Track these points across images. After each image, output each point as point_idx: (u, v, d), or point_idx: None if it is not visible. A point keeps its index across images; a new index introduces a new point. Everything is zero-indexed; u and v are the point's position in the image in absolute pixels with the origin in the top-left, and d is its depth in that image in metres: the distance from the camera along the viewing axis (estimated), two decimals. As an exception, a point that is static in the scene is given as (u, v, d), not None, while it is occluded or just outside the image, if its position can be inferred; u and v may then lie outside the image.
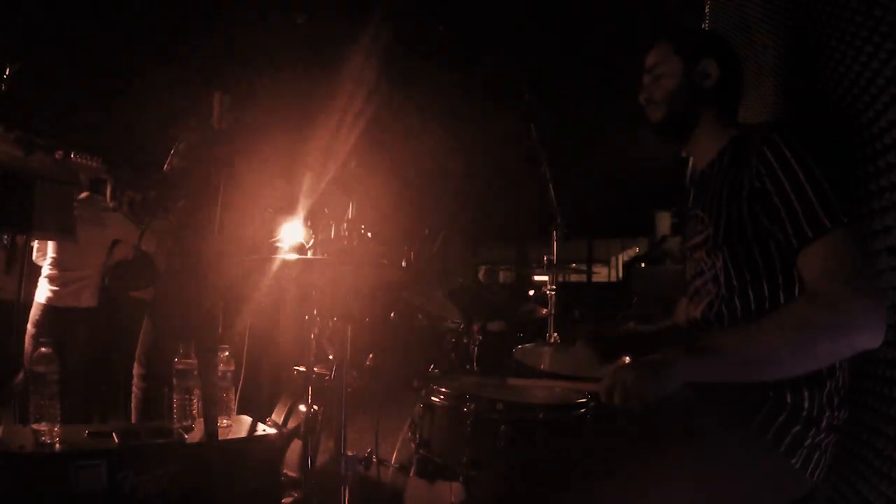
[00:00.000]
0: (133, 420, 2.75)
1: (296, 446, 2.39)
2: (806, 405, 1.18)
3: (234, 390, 2.15)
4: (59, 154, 2.60)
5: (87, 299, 3.05)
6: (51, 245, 3.04)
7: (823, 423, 1.18)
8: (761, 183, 1.19)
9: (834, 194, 1.12)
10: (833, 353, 1.09)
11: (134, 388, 2.76)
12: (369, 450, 2.11)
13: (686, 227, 1.46)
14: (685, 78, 1.38)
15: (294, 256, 2.16)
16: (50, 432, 1.69)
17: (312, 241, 2.50)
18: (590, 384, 1.26)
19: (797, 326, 1.06)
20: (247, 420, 2.12)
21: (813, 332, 1.05)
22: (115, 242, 3.03)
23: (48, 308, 2.97)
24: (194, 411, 2.01)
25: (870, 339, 1.05)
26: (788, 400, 1.18)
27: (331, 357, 2.45)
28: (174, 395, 2.01)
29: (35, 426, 1.69)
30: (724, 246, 1.26)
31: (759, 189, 1.19)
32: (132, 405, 2.77)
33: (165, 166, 2.75)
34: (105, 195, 2.77)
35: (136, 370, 2.75)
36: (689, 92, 1.38)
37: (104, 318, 3.09)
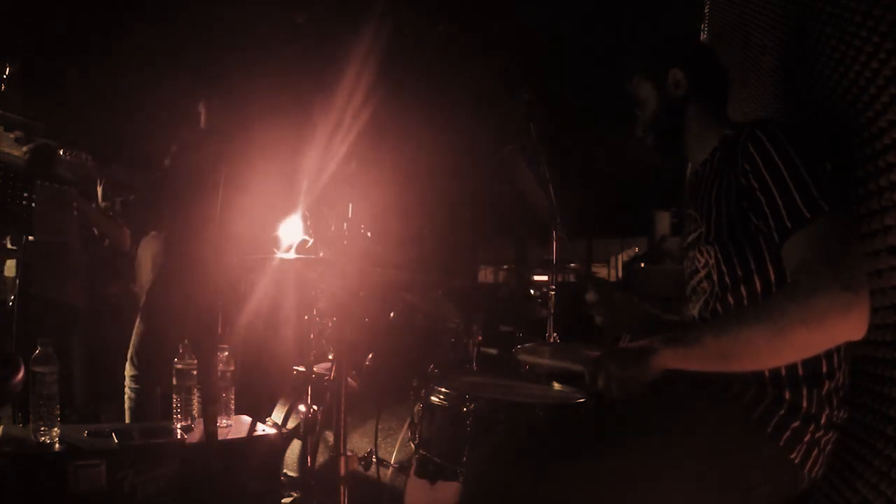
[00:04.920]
0: (127, 421, 2.75)
1: (296, 446, 2.39)
2: (804, 403, 1.18)
3: (233, 390, 2.15)
4: (59, 154, 2.61)
5: None
6: None
7: (823, 421, 1.18)
8: (746, 179, 1.20)
9: (816, 186, 1.12)
10: (811, 343, 1.08)
11: (127, 390, 2.75)
12: (369, 450, 2.11)
13: (683, 228, 1.48)
14: (659, 97, 1.45)
15: (294, 256, 2.16)
16: (50, 432, 1.69)
17: (312, 240, 2.50)
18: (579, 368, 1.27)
19: (774, 316, 1.05)
20: (247, 420, 2.12)
21: (789, 322, 1.04)
22: None
23: None
24: (194, 411, 2.01)
25: (849, 330, 1.04)
26: (787, 397, 1.19)
27: (331, 357, 2.45)
28: (174, 395, 2.01)
29: (35, 426, 1.69)
30: (716, 243, 1.28)
31: (744, 185, 1.21)
32: (126, 406, 2.76)
33: (161, 166, 2.75)
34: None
35: (128, 371, 2.74)
36: (666, 108, 1.45)
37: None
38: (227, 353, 2.10)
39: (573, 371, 1.64)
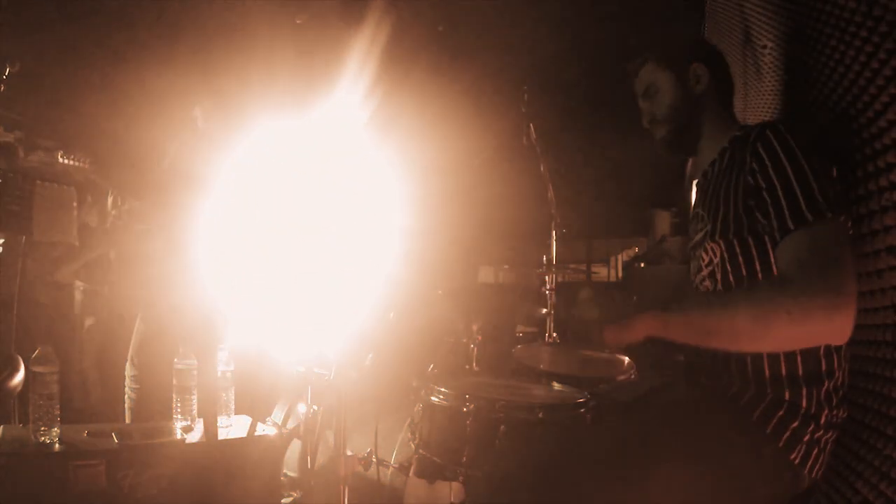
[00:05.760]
0: (127, 421, 2.75)
1: (296, 446, 2.39)
2: (804, 403, 1.18)
3: (233, 390, 2.15)
4: (59, 154, 2.60)
5: None
6: None
7: (822, 420, 1.19)
8: (754, 179, 1.21)
9: (820, 190, 1.13)
10: (792, 339, 1.10)
11: (127, 390, 2.75)
12: (369, 450, 2.11)
13: (689, 227, 1.48)
14: (679, 88, 1.44)
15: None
16: (50, 432, 1.69)
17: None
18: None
19: (760, 305, 1.08)
20: (247, 420, 2.12)
21: (774, 314, 1.06)
22: None
23: None
24: (194, 411, 2.01)
25: (831, 333, 1.06)
26: (787, 397, 1.19)
27: (331, 357, 2.44)
28: (174, 395, 2.01)
29: (35, 426, 1.69)
30: (721, 242, 1.28)
31: (752, 185, 1.21)
32: (126, 406, 2.76)
33: (162, 167, 2.76)
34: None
35: (128, 371, 2.75)
36: (686, 101, 1.43)
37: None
38: (227, 353, 2.10)
39: (575, 376, 1.64)
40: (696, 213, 1.42)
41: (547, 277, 2.49)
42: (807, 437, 1.18)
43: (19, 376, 2.13)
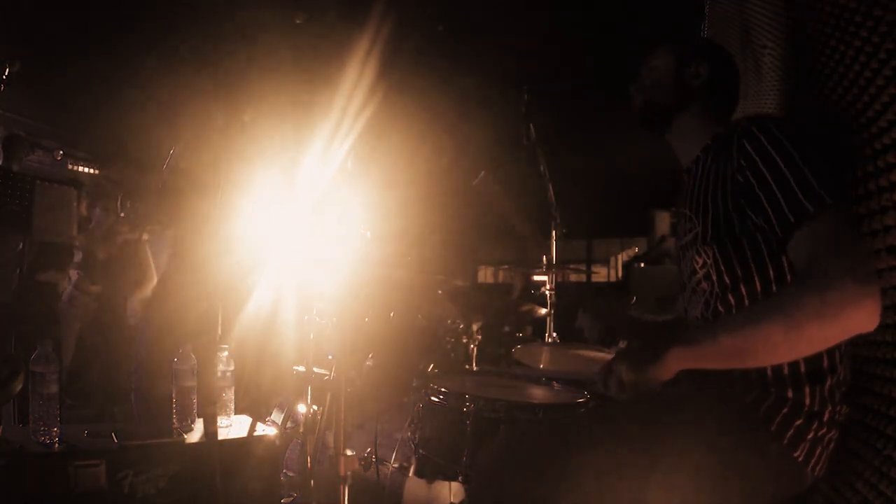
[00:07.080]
0: (133, 421, 2.75)
1: (296, 446, 2.39)
2: (807, 401, 1.18)
3: (233, 390, 2.15)
4: (58, 154, 2.61)
5: None
6: None
7: (826, 418, 1.18)
8: (743, 176, 1.19)
9: (816, 179, 1.11)
10: (826, 336, 1.07)
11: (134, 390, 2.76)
12: (369, 450, 2.11)
13: (677, 227, 1.48)
14: (675, 73, 1.45)
15: (294, 256, 2.16)
16: (50, 432, 1.70)
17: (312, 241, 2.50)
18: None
19: (788, 311, 1.05)
20: (247, 420, 2.12)
21: (804, 316, 1.03)
22: None
23: None
24: (194, 411, 2.01)
25: (863, 321, 1.03)
26: (790, 395, 1.19)
27: (330, 357, 2.45)
28: (174, 396, 2.01)
29: (35, 426, 1.69)
30: (713, 243, 1.27)
31: (741, 183, 1.20)
32: (134, 407, 2.77)
33: (164, 167, 2.75)
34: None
35: (136, 372, 2.76)
36: (674, 86, 1.44)
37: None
38: (227, 353, 2.11)
39: (578, 377, 1.64)
40: (682, 213, 1.40)
41: (546, 277, 2.50)
42: (810, 436, 1.17)
43: (19, 376, 2.13)
